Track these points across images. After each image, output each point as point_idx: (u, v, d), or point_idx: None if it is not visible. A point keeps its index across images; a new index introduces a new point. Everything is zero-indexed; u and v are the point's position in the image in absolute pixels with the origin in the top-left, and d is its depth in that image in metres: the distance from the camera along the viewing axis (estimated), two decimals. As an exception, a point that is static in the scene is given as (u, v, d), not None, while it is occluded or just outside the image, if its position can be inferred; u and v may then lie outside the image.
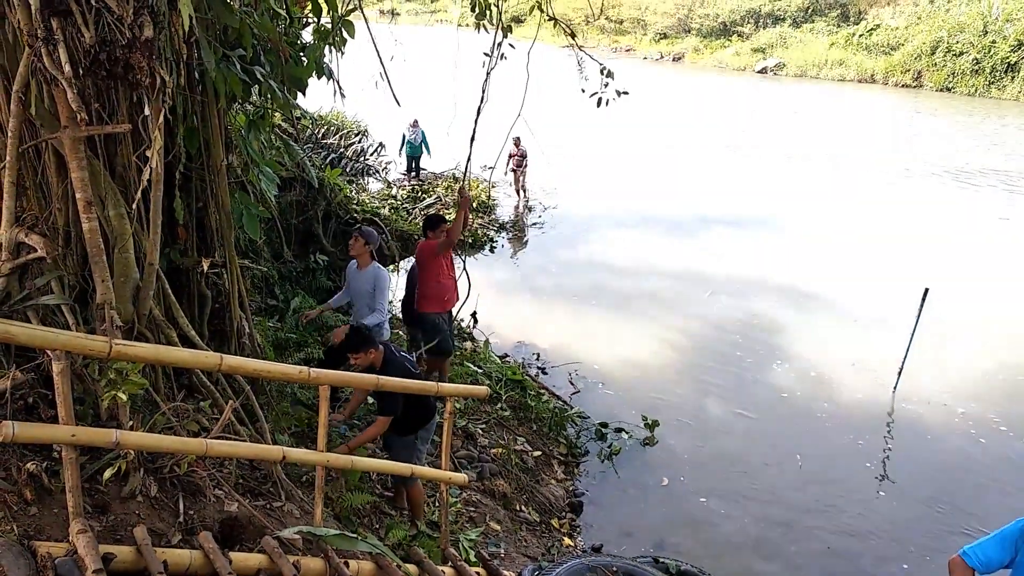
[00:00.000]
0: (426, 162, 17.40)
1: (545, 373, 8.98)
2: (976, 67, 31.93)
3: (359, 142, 18.03)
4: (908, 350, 8.35)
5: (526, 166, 16.32)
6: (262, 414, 4.01)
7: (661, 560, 5.60)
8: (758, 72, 39.91)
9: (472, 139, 6.95)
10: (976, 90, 31.77)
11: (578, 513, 6.57)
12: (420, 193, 15.70)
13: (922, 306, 8.18)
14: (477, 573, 4.02)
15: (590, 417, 7.99)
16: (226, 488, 3.42)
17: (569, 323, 10.38)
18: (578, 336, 9.97)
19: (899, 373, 8.43)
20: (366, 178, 17.20)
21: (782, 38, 41.41)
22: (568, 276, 12.29)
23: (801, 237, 14.35)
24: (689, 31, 47.47)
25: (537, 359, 9.14)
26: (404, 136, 16.98)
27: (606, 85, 6.96)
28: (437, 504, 4.22)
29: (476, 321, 9.35)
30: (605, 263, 12.79)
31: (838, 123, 26.42)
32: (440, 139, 19.93)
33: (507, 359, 9.02)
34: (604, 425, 7.77)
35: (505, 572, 4.34)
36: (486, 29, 6.52)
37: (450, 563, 4.01)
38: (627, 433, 7.71)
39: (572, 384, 8.71)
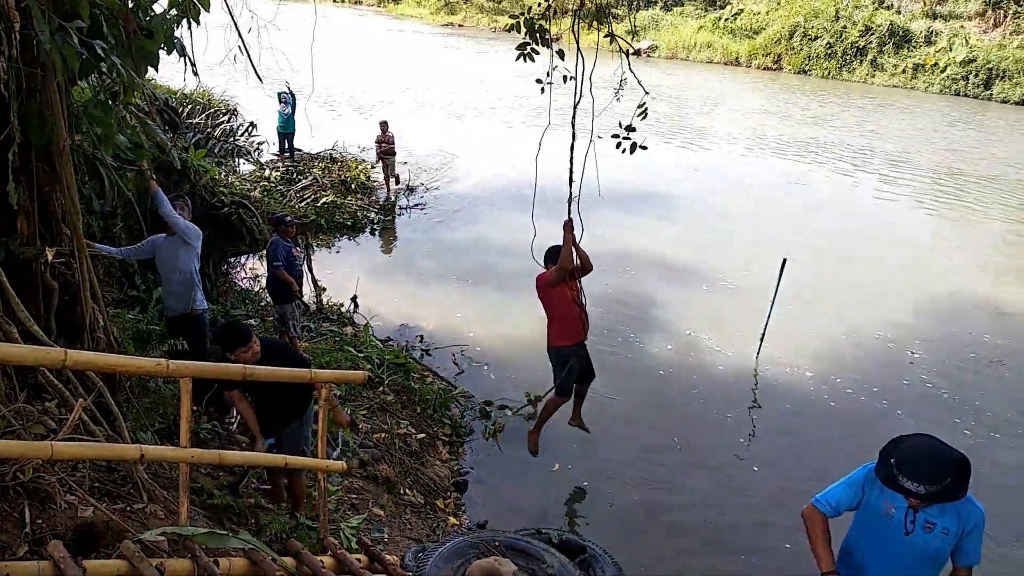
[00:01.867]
0: (302, 142, 16.83)
1: (429, 355, 8.94)
2: (829, 51, 34.18)
3: (228, 121, 17.19)
4: (768, 319, 8.89)
5: (394, 154, 15.49)
6: (120, 412, 3.77)
7: (543, 531, 5.73)
8: (632, 54, 40.96)
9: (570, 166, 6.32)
10: (829, 73, 34.05)
11: (463, 492, 6.62)
12: (295, 174, 15.16)
13: (781, 275, 8.72)
14: (358, 559, 3.97)
15: (474, 396, 8.04)
16: (80, 493, 3.20)
17: (453, 304, 10.37)
18: (463, 317, 9.99)
19: (761, 340, 8.97)
20: (237, 159, 16.46)
21: (655, 21, 42.73)
22: (452, 257, 12.26)
23: (668, 215, 14.96)
24: (566, 12, 48.05)
25: (420, 341, 9.08)
26: (281, 96, 16.31)
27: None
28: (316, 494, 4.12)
29: (356, 305, 9.17)
30: (489, 243, 12.83)
31: (698, 104, 27.66)
32: (319, 118, 19.41)
33: (390, 342, 8.92)
34: (488, 403, 7.84)
35: (388, 556, 4.31)
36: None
37: (329, 552, 3.94)
38: (511, 410, 7.82)
39: (456, 365, 8.73)
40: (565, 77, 5.54)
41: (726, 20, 39.83)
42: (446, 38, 46.57)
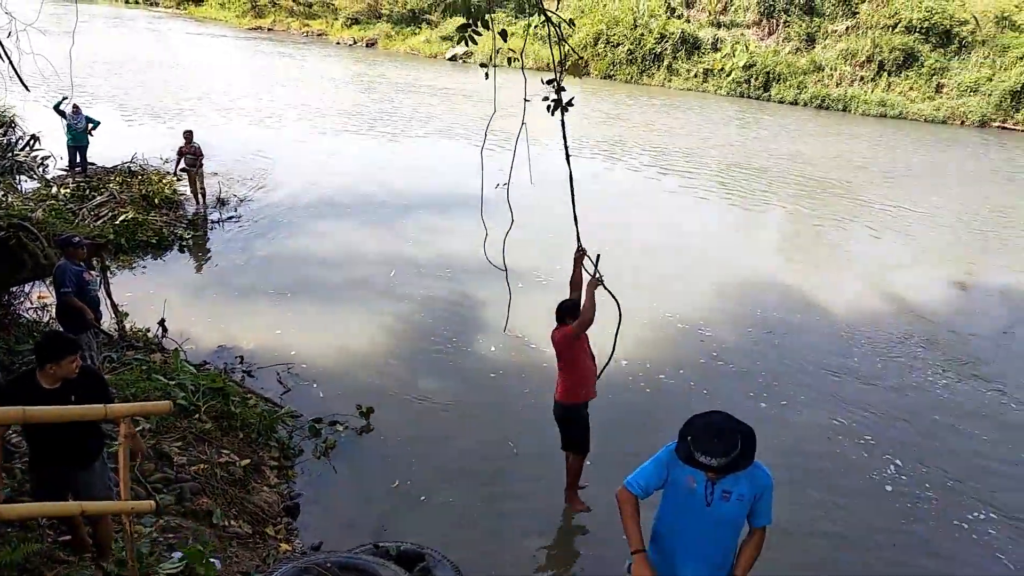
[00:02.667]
0: (96, 156, 15.42)
1: (252, 376, 8.50)
2: (630, 57, 36.43)
3: (3, 135, 15.41)
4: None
5: (201, 165, 14.41)
6: None
7: (380, 545, 5.65)
8: (449, 60, 41.42)
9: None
10: (632, 77, 36.30)
11: (295, 516, 6.34)
12: (88, 191, 13.84)
13: (596, 266, 9.13)
14: (175, 604, 3.69)
15: (303, 415, 7.74)
16: None
17: (274, 321, 9.91)
18: (286, 333, 9.58)
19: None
20: (16, 176, 14.78)
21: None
22: (270, 272, 11.72)
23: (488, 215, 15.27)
24: (380, 17, 47.67)
25: (240, 362, 8.62)
26: (59, 109, 14.87)
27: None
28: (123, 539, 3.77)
29: (165, 330, 8.52)
30: (309, 255, 12.41)
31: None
32: (115, 128, 17.86)
33: (207, 367, 8.38)
34: (318, 421, 7.59)
35: (209, 596, 4.05)
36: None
37: (142, 600, 3.63)
38: (342, 425, 7.62)
39: (282, 384, 8.37)
40: (510, 60, 5.61)
41: (536, 28, 41.16)
42: (254, 43, 44.48)
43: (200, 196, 14.55)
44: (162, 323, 8.46)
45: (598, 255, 9.20)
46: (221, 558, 5.03)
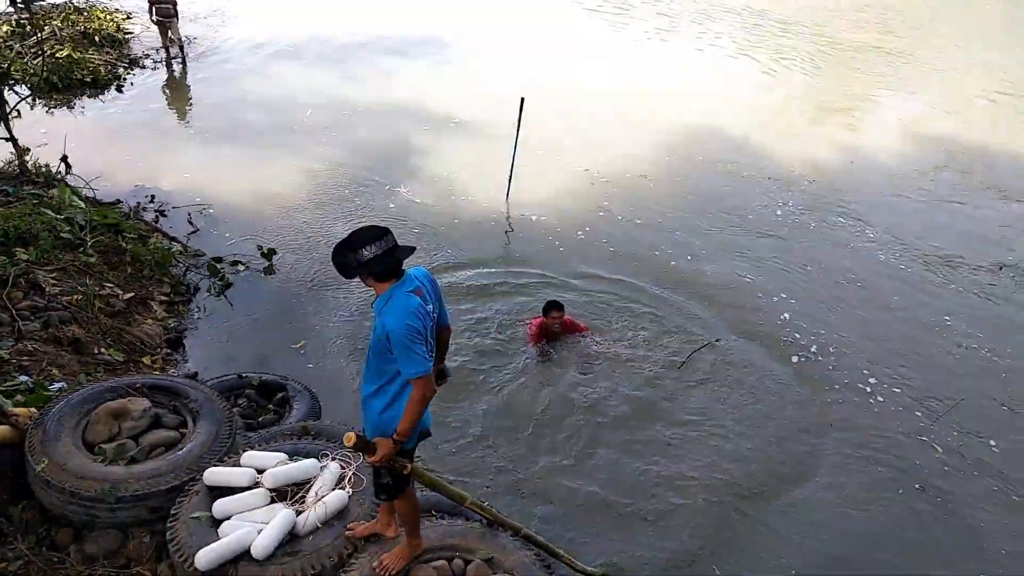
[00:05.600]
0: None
1: (164, 216, 8.45)
2: None
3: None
4: (514, 158, 9.03)
5: (176, 16, 13.07)
6: None
7: (244, 375, 5.76)
8: None
9: None
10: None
11: (177, 348, 6.46)
12: (30, 28, 13.29)
13: (520, 115, 8.79)
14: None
15: (206, 255, 7.74)
16: None
17: (196, 163, 9.73)
18: (208, 176, 9.43)
19: (509, 180, 9.15)
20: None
21: None
22: (204, 114, 11.45)
23: (449, 60, 14.62)
24: None
25: (151, 201, 8.53)
26: None
27: None
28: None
29: (69, 167, 8.36)
30: (248, 98, 12.02)
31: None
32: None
33: (119, 204, 8.33)
34: (218, 260, 7.59)
35: (18, 410, 4.15)
36: None
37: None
38: (244, 265, 7.63)
39: (192, 224, 8.32)
40: None
41: None
42: None
43: (176, 48, 13.35)
44: (64, 159, 8.29)
45: (522, 99, 8.85)
46: (71, 383, 5.11)
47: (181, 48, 13.49)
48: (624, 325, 7.06)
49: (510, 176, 9.15)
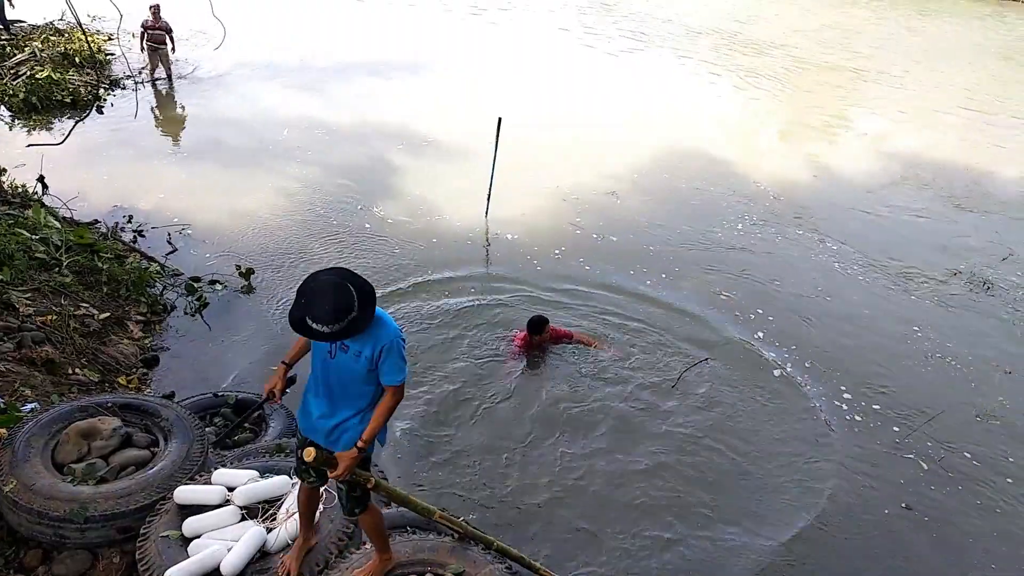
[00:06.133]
0: (16, 13, 14.71)
1: (143, 236, 8.44)
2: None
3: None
4: (492, 177, 9.12)
5: (169, 44, 13.23)
6: None
7: (220, 394, 5.76)
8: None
9: None
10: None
11: (152, 367, 6.45)
12: (10, 49, 13.32)
13: (498, 134, 8.89)
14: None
15: (184, 274, 7.74)
16: None
17: (175, 183, 9.77)
18: (188, 195, 9.46)
19: (488, 199, 9.23)
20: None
21: None
22: (184, 135, 11.50)
23: (424, 81, 14.78)
24: None
25: (129, 221, 8.53)
26: None
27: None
28: None
29: (45, 187, 8.37)
30: (226, 119, 12.09)
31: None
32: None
33: (97, 224, 8.34)
34: (196, 279, 7.59)
35: (-8, 430, 4.14)
36: None
37: None
38: (221, 285, 7.62)
39: (171, 244, 8.32)
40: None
41: None
42: None
43: (164, 73, 13.49)
44: (41, 179, 8.30)
45: (499, 119, 8.95)
46: (43, 404, 5.10)
47: (169, 76, 13.57)
48: (611, 339, 7.13)
49: (488, 195, 9.23)
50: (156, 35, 13.07)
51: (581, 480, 5.54)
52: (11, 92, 11.68)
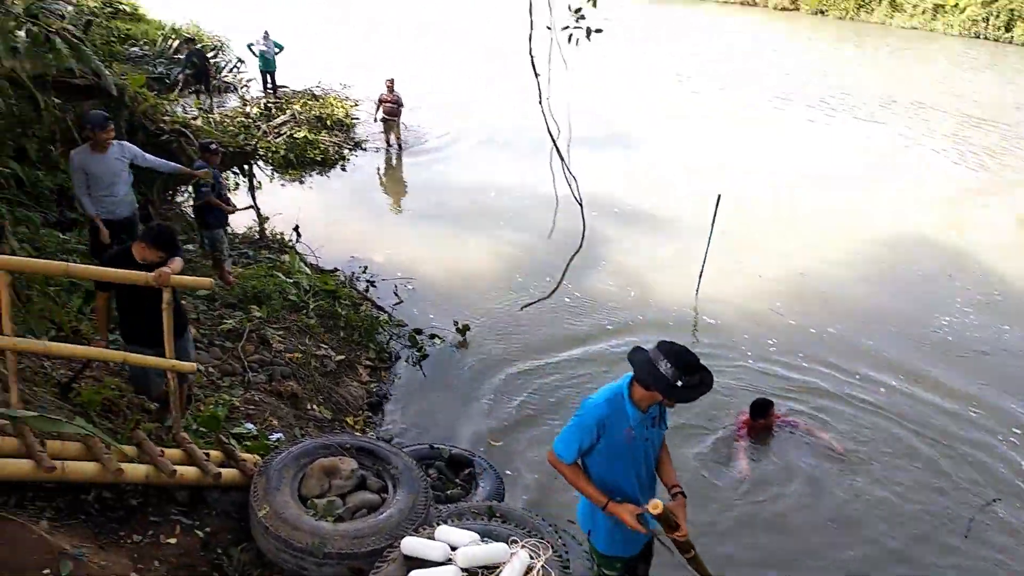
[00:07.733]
0: (284, 78, 16.87)
1: (374, 286, 9.14)
2: (847, -11, 33.05)
3: (214, 57, 17.26)
4: (706, 255, 8.92)
5: (400, 115, 14.44)
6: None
7: (436, 446, 5.99)
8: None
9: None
10: (847, 13, 32.92)
11: (376, 411, 6.87)
12: (274, 110, 15.26)
13: (716, 212, 8.72)
14: (207, 455, 4.23)
15: (408, 325, 8.26)
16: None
17: (407, 240, 10.53)
18: (414, 251, 10.15)
19: (700, 276, 9.03)
20: (223, 95, 16.59)
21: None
22: (412, 196, 12.43)
23: (651, 156, 14.90)
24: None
25: (364, 272, 9.28)
26: (251, 48, 16.45)
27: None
28: (171, 395, 4.34)
29: (299, 235, 9.35)
30: (453, 183, 12.92)
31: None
32: (300, 55, 19.26)
33: (336, 272, 9.16)
34: (418, 331, 8.05)
35: (246, 455, 4.57)
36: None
37: (181, 446, 4.20)
38: (440, 339, 8.02)
39: (397, 296, 8.93)
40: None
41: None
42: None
43: (396, 145, 14.66)
44: (296, 229, 9.28)
45: (719, 196, 8.78)
46: (287, 435, 5.59)
47: (399, 144, 14.70)
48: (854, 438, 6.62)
49: (701, 272, 9.03)
50: (389, 107, 14.20)
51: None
52: (274, 149, 13.29)
